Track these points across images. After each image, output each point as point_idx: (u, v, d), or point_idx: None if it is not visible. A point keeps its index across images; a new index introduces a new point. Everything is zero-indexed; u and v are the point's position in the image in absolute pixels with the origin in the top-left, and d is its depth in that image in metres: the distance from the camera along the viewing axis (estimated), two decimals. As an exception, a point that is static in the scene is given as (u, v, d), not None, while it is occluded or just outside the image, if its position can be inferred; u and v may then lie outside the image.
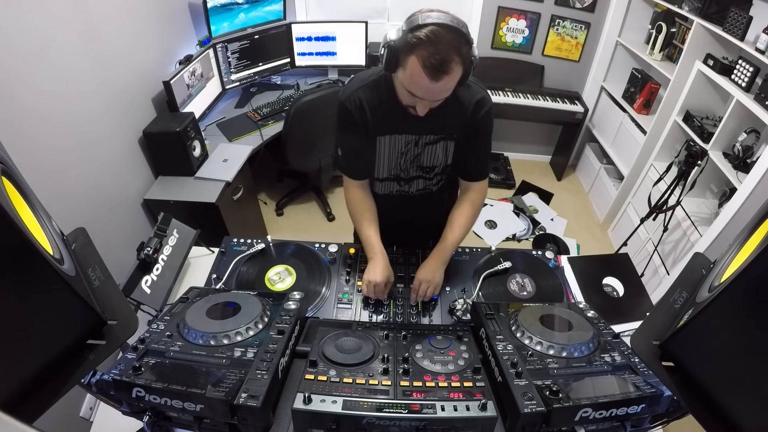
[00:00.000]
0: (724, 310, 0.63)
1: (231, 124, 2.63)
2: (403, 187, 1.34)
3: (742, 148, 2.02)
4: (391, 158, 1.26)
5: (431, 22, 0.92)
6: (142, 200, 2.14)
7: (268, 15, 2.88)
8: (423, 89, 0.99)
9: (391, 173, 1.30)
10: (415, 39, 0.93)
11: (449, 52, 0.93)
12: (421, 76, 0.95)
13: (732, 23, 2.05)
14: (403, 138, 1.21)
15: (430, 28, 0.92)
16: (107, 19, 1.86)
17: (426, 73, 0.94)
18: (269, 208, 3.23)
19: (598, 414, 0.74)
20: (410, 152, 1.24)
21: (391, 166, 1.28)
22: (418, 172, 1.30)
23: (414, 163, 1.27)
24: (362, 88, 1.15)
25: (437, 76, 0.94)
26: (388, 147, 1.23)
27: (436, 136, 1.21)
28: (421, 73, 0.94)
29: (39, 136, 1.53)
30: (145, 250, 1.20)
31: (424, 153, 1.24)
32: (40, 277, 0.58)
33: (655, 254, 2.46)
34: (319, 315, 1.18)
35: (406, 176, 1.31)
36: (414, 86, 0.99)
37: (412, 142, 1.21)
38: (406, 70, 0.97)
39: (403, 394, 0.75)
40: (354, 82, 1.18)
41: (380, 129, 1.20)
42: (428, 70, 0.93)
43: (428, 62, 0.92)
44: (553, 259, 1.42)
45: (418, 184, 1.34)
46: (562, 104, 3.22)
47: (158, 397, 0.73)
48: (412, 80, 0.98)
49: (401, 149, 1.23)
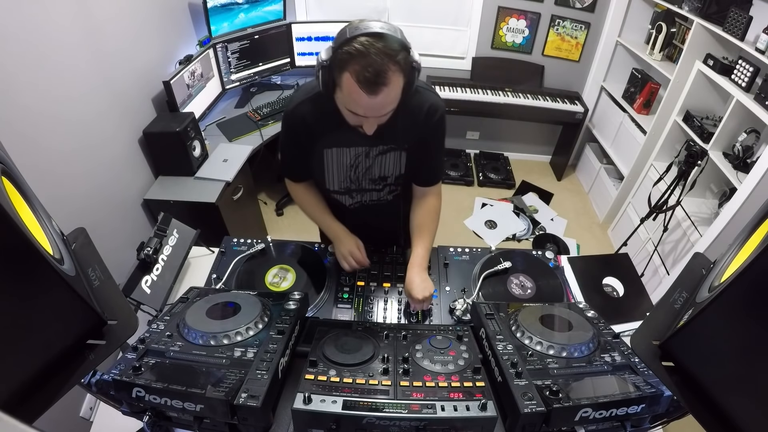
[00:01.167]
0: (724, 310, 0.63)
1: (231, 124, 2.63)
2: (355, 198, 1.30)
3: (742, 148, 2.02)
4: (341, 171, 1.21)
5: (359, 33, 0.86)
6: (142, 200, 2.14)
7: (268, 15, 2.88)
8: (363, 106, 0.92)
9: (342, 186, 1.26)
10: (346, 54, 0.86)
11: (383, 61, 0.86)
12: (358, 93, 0.88)
13: (732, 23, 2.05)
14: (353, 150, 1.16)
15: (358, 39, 0.86)
16: (108, 19, 1.86)
17: (362, 88, 0.87)
18: (269, 208, 3.23)
19: (598, 414, 0.74)
20: (361, 164, 1.19)
21: (341, 179, 1.23)
22: (370, 184, 1.25)
23: (366, 176, 1.22)
24: (305, 102, 1.09)
25: (374, 89, 0.88)
26: (336, 160, 1.18)
27: (386, 147, 1.15)
28: (357, 90, 0.88)
29: (39, 137, 1.53)
30: (145, 250, 1.20)
31: (375, 164, 1.19)
32: (40, 277, 0.58)
33: (655, 254, 2.46)
34: (319, 315, 1.18)
35: (357, 187, 1.26)
36: (353, 104, 0.93)
37: (363, 153, 1.16)
38: (343, 88, 0.91)
39: (403, 394, 0.75)
40: (298, 94, 1.13)
41: (326, 142, 1.15)
42: (363, 85, 0.87)
43: (362, 76, 0.86)
44: (553, 259, 1.42)
45: (371, 195, 1.30)
46: (562, 104, 3.22)
47: (158, 397, 0.73)
48: (350, 98, 0.91)
49: (350, 162, 1.18)
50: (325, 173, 1.23)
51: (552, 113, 3.24)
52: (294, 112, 1.11)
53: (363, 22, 0.89)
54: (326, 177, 1.24)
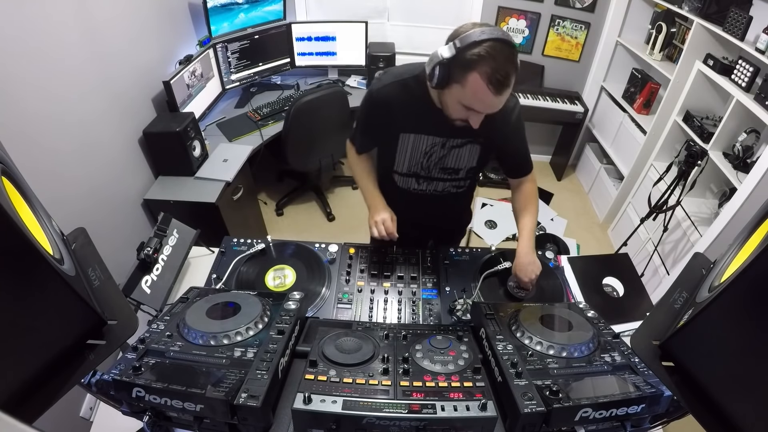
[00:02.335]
0: (724, 310, 0.63)
1: (231, 124, 2.63)
2: (421, 185, 1.36)
3: (742, 148, 2.02)
4: (414, 156, 1.29)
5: (488, 38, 0.94)
6: (142, 200, 2.14)
7: (268, 15, 2.88)
8: (486, 104, 1.01)
9: (411, 170, 1.33)
10: (475, 56, 0.94)
11: (510, 66, 0.95)
12: (485, 92, 0.97)
13: (732, 23, 2.05)
14: (430, 139, 1.23)
15: (488, 43, 0.94)
16: (108, 19, 1.86)
17: (491, 89, 0.96)
18: (269, 208, 3.23)
19: (598, 414, 0.74)
20: (435, 153, 1.27)
21: (412, 163, 1.31)
22: (441, 173, 1.32)
23: (438, 165, 1.29)
24: (393, 84, 1.18)
25: (501, 90, 0.97)
26: (412, 145, 1.26)
27: (462, 140, 1.23)
28: (485, 89, 0.96)
29: (39, 137, 1.53)
30: (145, 250, 1.20)
31: (450, 155, 1.27)
32: (40, 277, 0.58)
33: (655, 254, 2.46)
34: (319, 315, 1.18)
35: (426, 175, 1.33)
36: (476, 102, 1.01)
37: (439, 144, 1.24)
38: (467, 86, 0.98)
39: (403, 394, 0.75)
40: (387, 76, 1.21)
41: (405, 127, 1.22)
42: (493, 86, 0.96)
43: (494, 78, 0.95)
44: (553, 259, 1.42)
45: (437, 185, 1.36)
46: (562, 104, 3.22)
47: (158, 397, 0.73)
48: (475, 96, 0.99)
49: (426, 149, 1.26)
50: (396, 155, 1.31)
51: (552, 113, 3.24)
52: (380, 92, 1.19)
53: (485, 27, 0.96)
54: (397, 158, 1.32)
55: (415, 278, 1.31)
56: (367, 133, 1.33)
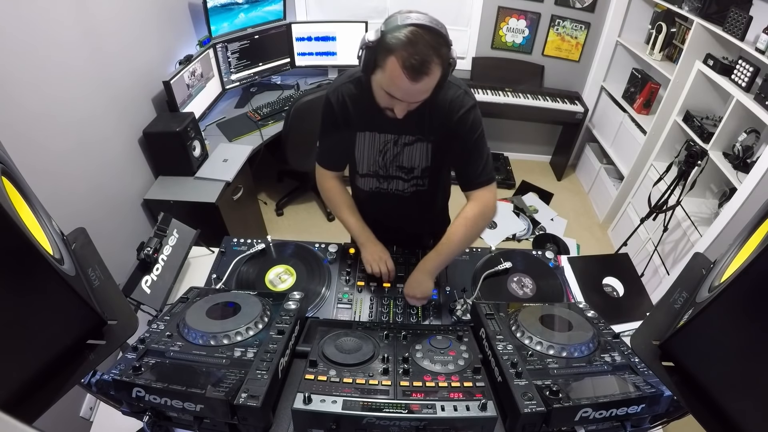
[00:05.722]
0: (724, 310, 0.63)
1: (231, 124, 2.63)
2: (382, 184, 1.34)
3: (742, 148, 2.02)
4: (371, 155, 1.27)
5: (410, 23, 0.92)
6: (142, 200, 2.14)
7: (268, 15, 2.88)
8: (402, 90, 0.99)
9: (371, 170, 1.31)
10: (395, 40, 0.93)
11: (429, 53, 0.93)
12: (401, 77, 0.94)
13: (732, 23, 2.05)
14: (383, 137, 1.22)
15: (409, 29, 0.92)
16: (108, 20, 1.86)
17: (406, 74, 0.94)
18: (269, 208, 3.23)
19: (598, 414, 0.74)
20: (389, 151, 1.24)
21: (370, 162, 1.29)
22: (398, 172, 1.30)
23: (393, 163, 1.27)
24: (347, 83, 1.16)
25: (417, 77, 0.94)
26: (368, 144, 1.24)
27: (413, 137, 1.20)
28: (400, 74, 0.94)
29: (39, 137, 1.53)
30: (145, 250, 1.20)
31: (404, 153, 1.24)
32: (40, 277, 0.58)
33: (655, 254, 2.46)
34: (319, 315, 1.18)
35: (384, 174, 1.31)
36: (393, 87, 0.99)
37: (391, 141, 1.22)
38: (386, 71, 0.97)
39: (403, 394, 0.75)
40: (342, 77, 1.20)
41: (361, 125, 1.21)
42: (408, 71, 0.93)
43: (408, 63, 0.92)
44: (553, 259, 1.42)
45: (398, 184, 1.33)
46: (562, 104, 3.22)
47: (158, 397, 0.73)
48: (391, 81, 0.97)
49: (380, 147, 1.24)
50: (356, 155, 1.29)
51: (552, 113, 3.24)
52: (335, 92, 1.17)
53: (413, 13, 0.94)
54: (357, 159, 1.30)
55: (415, 278, 1.30)
56: (330, 141, 1.28)
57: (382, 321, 1.19)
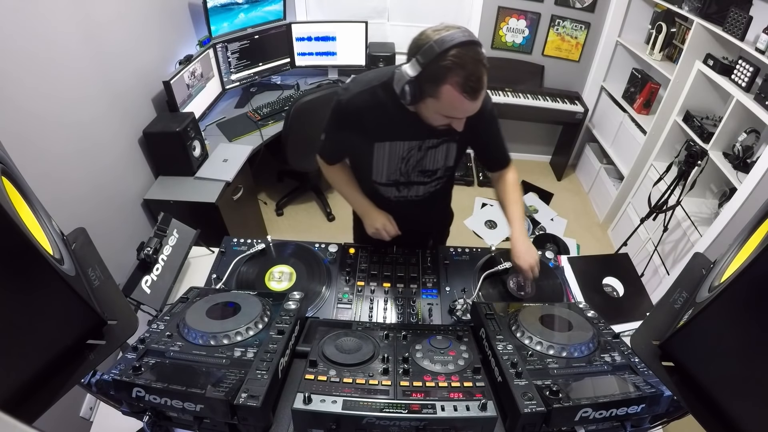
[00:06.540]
0: (724, 310, 0.63)
1: (231, 124, 2.63)
2: (402, 192, 1.34)
3: (742, 148, 2.02)
4: (392, 164, 1.25)
5: (450, 46, 0.91)
6: (142, 200, 2.14)
7: (268, 15, 2.88)
8: (464, 110, 1.00)
9: (390, 179, 1.30)
10: (443, 69, 0.92)
11: (479, 68, 0.93)
12: (461, 101, 0.96)
13: (732, 23, 2.05)
14: (406, 144, 1.21)
15: (453, 51, 0.91)
16: (108, 21, 1.86)
17: (466, 96, 0.95)
18: (269, 208, 3.23)
19: (598, 414, 0.74)
20: (413, 157, 1.24)
21: (390, 171, 1.27)
22: (419, 176, 1.30)
23: (416, 168, 1.27)
24: (362, 93, 1.13)
25: (477, 95, 0.96)
26: (389, 153, 1.23)
27: (438, 140, 1.21)
28: (460, 98, 0.95)
29: (39, 137, 1.53)
30: (145, 250, 1.20)
31: (427, 157, 1.25)
32: (40, 277, 0.58)
33: (655, 254, 2.46)
34: (319, 315, 1.18)
35: (406, 181, 1.30)
36: (454, 111, 1.00)
37: (416, 147, 1.22)
38: (442, 99, 0.97)
39: (403, 394, 0.75)
40: (354, 85, 1.15)
41: (379, 136, 1.19)
42: (468, 94, 0.94)
43: (467, 87, 0.93)
44: (553, 259, 1.42)
45: (417, 190, 1.34)
46: (562, 104, 3.22)
47: (158, 397, 0.73)
48: (452, 106, 0.98)
49: (403, 154, 1.23)
50: (373, 165, 1.26)
51: (552, 113, 3.24)
52: (350, 102, 1.14)
53: (442, 32, 0.93)
54: (374, 169, 1.28)
55: (415, 278, 1.31)
56: (338, 145, 1.29)
57: (382, 321, 1.19)
